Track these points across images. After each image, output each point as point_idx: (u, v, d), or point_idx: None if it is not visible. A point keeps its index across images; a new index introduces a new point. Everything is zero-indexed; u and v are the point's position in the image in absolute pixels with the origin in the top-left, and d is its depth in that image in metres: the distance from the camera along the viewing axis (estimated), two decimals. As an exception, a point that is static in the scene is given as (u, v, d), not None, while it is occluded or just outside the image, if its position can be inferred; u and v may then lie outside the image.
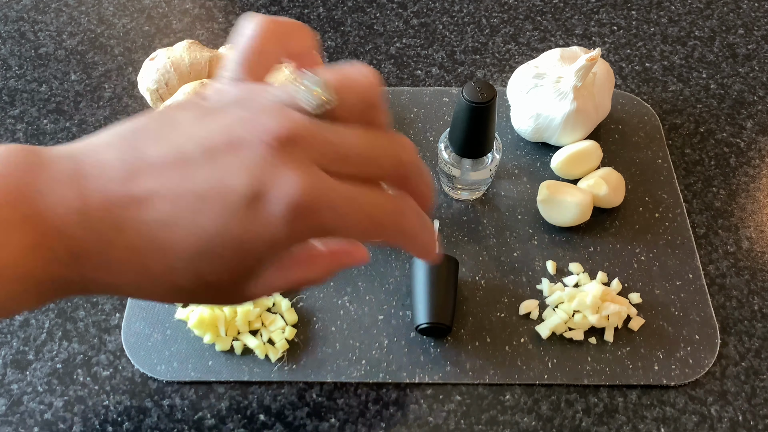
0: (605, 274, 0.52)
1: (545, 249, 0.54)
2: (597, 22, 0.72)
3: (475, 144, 0.50)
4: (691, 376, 0.48)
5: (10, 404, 0.48)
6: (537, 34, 0.71)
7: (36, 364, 0.49)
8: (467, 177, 0.53)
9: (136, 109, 0.64)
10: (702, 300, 0.51)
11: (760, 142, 0.62)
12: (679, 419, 0.46)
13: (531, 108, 0.57)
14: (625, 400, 0.47)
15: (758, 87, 0.66)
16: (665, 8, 0.74)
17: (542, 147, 0.60)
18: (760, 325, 0.51)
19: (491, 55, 0.69)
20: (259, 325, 0.50)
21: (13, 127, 0.63)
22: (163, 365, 0.48)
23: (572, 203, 0.52)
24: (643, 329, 0.50)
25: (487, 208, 0.57)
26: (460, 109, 0.47)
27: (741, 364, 0.49)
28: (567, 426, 0.46)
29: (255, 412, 0.47)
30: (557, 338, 0.49)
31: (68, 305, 0.52)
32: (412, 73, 0.68)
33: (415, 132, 0.62)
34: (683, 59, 0.68)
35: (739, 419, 0.46)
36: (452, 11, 0.74)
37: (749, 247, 0.55)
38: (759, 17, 0.72)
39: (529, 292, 0.52)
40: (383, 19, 0.73)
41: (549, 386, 0.48)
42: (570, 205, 0.53)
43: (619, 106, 0.63)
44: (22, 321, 0.51)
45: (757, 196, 0.58)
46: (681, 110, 0.64)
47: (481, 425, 0.46)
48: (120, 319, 0.51)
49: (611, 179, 0.55)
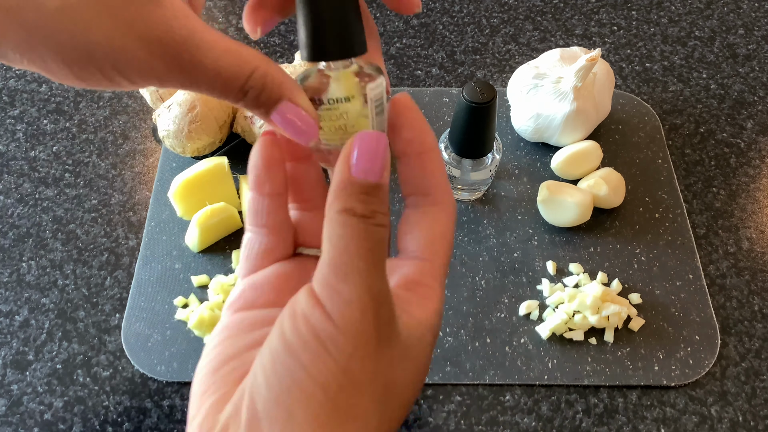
0: (605, 275, 0.52)
1: (545, 249, 0.54)
2: (597, 22, 0.72)
3: (475, 144, 0.50)
4: (692, 377, 0.48)
5: (10, 405, 0.48)
6: (537, 34, 0.71)
7: (36, 365, 0.49)
8: (467, 177, 0.53)
9: (135, 109, 0.64)
10: (702, 300, 0.51)
11: (760, 142, 0.62)
12: (680, 420, 0.46)
13: (531, 108, 0.57)
14: (626, 401, 0.47)
15: (758, 87, 0.66)
16: (665, 8, 0.74)
17: (542, 147, 0.60)
18: (761, 325, 0.51)
19: (491, 55, 0.69)
20: (259, 325, 0.50)
21: (13, 127, 0.63)
22: (163, 366, 0.48)
23: (572, 203, 0.52)
24: (644, 330, 0.50)
25: (487, 209, 0.57)
26: (460, 110, 0.47)
27: (741, 364, 0.49)
28: (567, 426, 0.46)
29: (255, 413, 0.47)
30: (557, 339, 0.49)
31: (68, 306, 0.52)
32: (412, 73, 0.68)
33: (415, 132, 0.62)
34: (683, 59, 0.68)
35: (739, 419, 0.46)
36: (452, 11, 0.73)
37: (749, 248, 0.55)
38: (759, 17, 0.72)
39: (529, 292, 0.52)
40: (383, 19, 0.73)
41: (549, 387, 0.48)
42: (570, 205, 0.53)
43: (619, 107, 0.63)
44: (22, 321, 0.51)
45: (757, 197, 0.58)
46: (681, 110, 0.64)
47: (481, 426, 0.46)
48: (120, 319, 0.51)
49: (611, 179, 0.55)
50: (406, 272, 0.25)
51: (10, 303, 0.52)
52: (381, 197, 0.21)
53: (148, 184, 0.59)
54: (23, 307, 0.52)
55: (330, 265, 0.21)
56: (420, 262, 0.25)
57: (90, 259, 0.55)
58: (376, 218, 0.21)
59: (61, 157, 0.61)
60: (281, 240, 0.26)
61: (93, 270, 0.54)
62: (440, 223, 0.26)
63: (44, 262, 0.54)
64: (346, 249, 0.20)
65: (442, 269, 0.26)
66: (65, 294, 0.53)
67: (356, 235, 0.20)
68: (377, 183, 0.21)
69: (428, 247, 0.25)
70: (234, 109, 0.57)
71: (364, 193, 0.21)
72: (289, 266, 0.26)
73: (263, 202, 0.26)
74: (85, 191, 0.59)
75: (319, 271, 0.21)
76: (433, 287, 0.25)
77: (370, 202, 0.21)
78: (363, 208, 0.21)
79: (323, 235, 0.21)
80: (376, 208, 0.21)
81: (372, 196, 0.21)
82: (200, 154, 0.56)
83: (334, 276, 0.21)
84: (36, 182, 0.59)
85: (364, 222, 0.21)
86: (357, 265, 0.20)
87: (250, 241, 0.26)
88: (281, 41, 0.71)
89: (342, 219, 0.21)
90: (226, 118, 0.56)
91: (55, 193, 0.59)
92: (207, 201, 0.53)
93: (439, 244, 0.25)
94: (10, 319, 0.52)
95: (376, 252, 0.21)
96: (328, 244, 0.21)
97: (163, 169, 0.59)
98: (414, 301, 0.24)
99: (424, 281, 0.25)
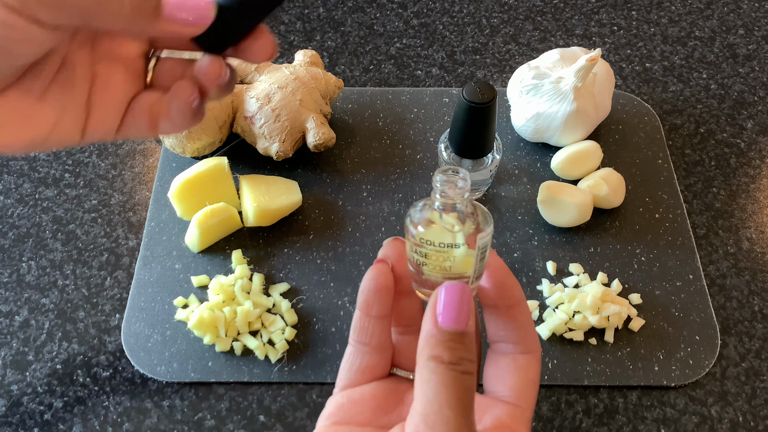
0: (605, 275, 0.52)
1: (545, 250, 0.54)
2: (597, 22, 0.72)
3: (475, 144, 0.50)
4: (692, 377, 0.48)
5: (9, 405, 0.48)
6: (537, 34, 0.71)
7: (36, 365, 0.49)
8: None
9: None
10: (702, 301, 0.51)
11: (760, 142, 0.62)
12: (680, 420, 0.46)
13: (531, 108, 0.57)
14: (626, 401, 0.47)
15: (758, 87, 0.66)
16: (665, 8, 0.74)
17: (542, 147, 0.60)
18: (761, 326, 0.51)
19: (491, 55, 0.69)
20: (258, 325, 0.50)
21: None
22: (163, 366, 0.48)
23: (572, 204, 0.52)
24: (644, 330, 0.50)
25: (487, 209, 0.57)
26: (460, 110, 0.47)
27: (741, 364, 0.49)
28: (567, 427, 0.46)
29: (255, 413, 0.47)
30: (557, 339, 0.49)
31: (68, 306, 0.52)
32: (412, 73, 0.68)
33: (415, 132, 0.62)
34: (683, 59, 0.68)
35: (739, 420, 0.46)
36: (452, 11, 0.73)
37: (749, 248, 0.55)
38: (759, 17, 0.72)
39: (529, 292, 0.52)
40: (383, 19, 0.73)
41: (549, 387, 0.48)
42: (570, 205, 0.53)
43: (619, 107, 0.63)
44: (22, 322, 0.51)
45: (757, 197, 0.58)
46: (681, 111, 0.64)
47: (482, 426, 0.46)
48: (120, 319, 0.51)
49: (611, 180, 0.55)
50: (498, 415, 0.26)
51: (10, 303, 0.52)
52: (467, 344, 0.22)
53: (148, 184, 0.59)
54: (23, 308, 0.52)
55: (421, 413, 0.22)
56: (512, 407, 0.27)
57: (90, 260, 0.55)
58: (463, 365, 0.22)
59: (61, 157, 0.61)
60: (381, 360, 0.28)
61: (93, 270, 0.54)
62: (531, 371, 0.27)
63: (44, 262, 0.54)
64: (435, 397, 0.22)
65: (531, 415, 0.27)
66: (65, 294, 0.53)
67: (444, 382, 0.22)
68: (463, 331, 0.22)
69: (521, 394, 0.27)
70: (234, 109, 0.57)
71: (451, 341, 0.22)
72: (386, 386, 0.28)
73: (369, 322, 0.27)
74: (85, 191, 0.59)
75: (411, 417, 0.22)
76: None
77: (457, 349, 0.22)
78: (450, 355, 0.22)
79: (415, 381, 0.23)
80: (463, 355, 0.22)
81: (458, 343, 0.22)
82: (200, 154, 0.56)
83: (423, 424, 0.22)
84: (36, 182, 0.59)
85: (451, 369, 0.22)
86: (445, 414, 0.21)
87: (352, 356, 0.28)
88: (281, 41, 0.71)
89: (431, 366, 0.22)
90: (226, 118, 0.56)
91: (55, 193, 0.59)
92: (207, 201, 0.53)
93: (530, 391, 0.27)
94: (10, 320, 0.52)
95: (464, 399, 0.22)
96: (419, 390, 0.22)
97: (163, 169, 0.59)
98: None
99: (514, 426, 0.26)
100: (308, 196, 0.57)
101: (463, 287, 0.23)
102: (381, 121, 0.63)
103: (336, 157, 0.60)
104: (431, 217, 0.25)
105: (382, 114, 0.63)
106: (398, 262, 0.27)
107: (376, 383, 0.28)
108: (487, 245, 0.25)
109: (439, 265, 0.25)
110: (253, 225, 0.54)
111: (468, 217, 0.25)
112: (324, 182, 0.58)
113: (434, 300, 0.23)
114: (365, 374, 0.28)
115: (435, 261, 0.25)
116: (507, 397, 0.27)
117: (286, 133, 0.55)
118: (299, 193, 0.55)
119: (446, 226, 0.24)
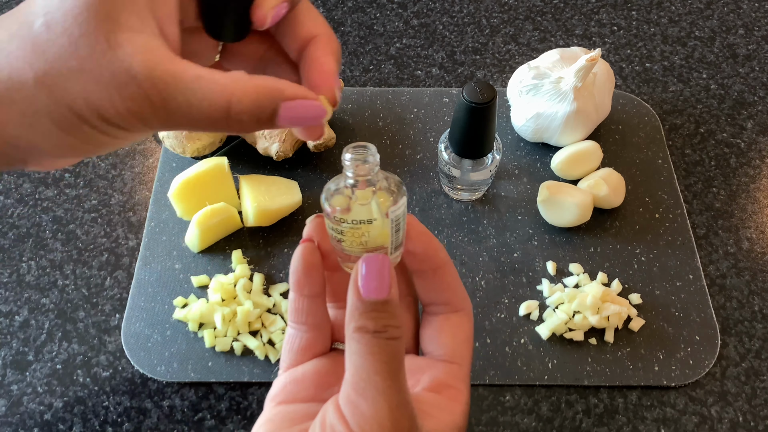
0: (605, 275, 0.52)
1: (545, 249, 0.54)
2: (597, 22, 0.72)
3: (475, 144, 0.50)
4: (692, 377, 0.48)
5: (9, 405, 0.48)
6: (537, 34, 0.71)
7: (36, 365, 0.49)
8: (467, 177, 0.53)
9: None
10: (702, 301, 0.51)
11: (760, 142, 0.62)
12: (680, 420, 0.46)
13: (531, 108, 0.57)
14: (626, 401, 0.47)
15: (758, 87, 0.66)
16: (665, 8, 0.74)
17: (542, 147, 0.60)
18: (761, 326, 0.51)
19: (491, 55, 0.69)
20: (259, 326, 0.50)
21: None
22: (162, 366, 0.48)
23: (572, 204, 0.52)
24: (644, 330, 0.50)
25: (487, 209, 0.57)
26: (460, 110, 0.47)
27: (741, 364, 0.49)
28: (567, 427, 0.46)
29: (255, 413, 0.47)
30: (557, 339, 0.49)
31: (68, 306, 0.52)
32: (412, 73, 0.68)
33: (415, 132, 0.62)
34: (683, 59, 0.68)
35: (739, 420, 0.46)
36: (452, 11, 0.73)
37: (749, 248, 0.55)
38: (759, 17, 0.72)
39: (529, 292, 0.52)
40: (383, 19, 0.73)
41: (549, 387, 0.48)
42: (570, 205, 0.52)
43: (619, 107, 0.63)
44: (22, 322, 0.51)
45: (757, 197, 0.58)
46: (681, 111, 0.64)
47: (482, 426, 0.46)
48: (120, 319, 0.51)
49: (611, 180, 0.55)
50: (436, 374, 0.27)
51: (10, 303, 0.52)
52: (391, 312, 0.23)
53: (148, 184, 0.59)
54: (23, 308, 0.52)
55: (350, 382, 0.22)
56: (448, 365, 0.27)
57: (90, 260, 0.54)
58: (389, 332, 0.23)
59: (61, 157, 0.61)
60: (320, 336, 0.28)
61: (93, 270, 0.54)
62: (464, 328, 0.28)
63: (44, 262, 0.54)
64: (362, 365, 0.22)
65: (468, 371, 0.28)
66: (65, 294, 0.53)
67: (370, 350, 0.22)
68: (385, 299, 0.23)
69: (456, 351, 0.28)
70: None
71: (374, 311, 0.23)
72: (326, 362, 0.28)
73: (303, 302, 0.27)
74: (85, 191, 0.59)
75: (343, 388, 0.23)
76: (461, 389, 0.27)
77: (380, 318, 0.23)
78: (374, 324, 0.22)
79: (345, 353, 0.23)
80: (387, 323, 0.23)
81: (381, 312, 0.23)
82: (200, 154, 0.56)
83: (354, 392, 0.22)
84: (36, 182, 0.59)
85: (376, 337, 0.22)
86: (373, 380, 0.22)
87: (291, 336, 0.28)
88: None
89: (357, 337, 0.22)
90: (226, 119, 0.56)
91: (55, 193, 0.59)
92: (207, 201, 0.53)
93: (465, 348, 0.28)
94: (10, 320, 0.52)
95: (392, 364, 0.22)
96: (348, 362, 0.23)
97: (163, 170, 0.59)
98: (441, 404, 0.26)
99: (453, 383, 0.27)
100: (308, 196, 0.57)
101: (382, 258, 0.23)
102: (381, 121, 0.63)
103: (336, 157, 0.60)
104: (344, 194, 0.25)
105: (382, 114, 0.63)
106: (324, 240, 0.27)
107: (317, 360, 0.28)
108: (401, 216, 0.25)
109: (357, 240, 0.25)
110: (253, 225, 0.54)
111: (379, 191, 0.25)
112: (324, 182, 0.58)
113: (355, 273, 0.23)
114: (306, 353, 0.28)
115: (352, 236, 0.25)
116: (443, 356, 0.28)
117: (286, 133, 0.55)
118: (299, 193, 0.55)
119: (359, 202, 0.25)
